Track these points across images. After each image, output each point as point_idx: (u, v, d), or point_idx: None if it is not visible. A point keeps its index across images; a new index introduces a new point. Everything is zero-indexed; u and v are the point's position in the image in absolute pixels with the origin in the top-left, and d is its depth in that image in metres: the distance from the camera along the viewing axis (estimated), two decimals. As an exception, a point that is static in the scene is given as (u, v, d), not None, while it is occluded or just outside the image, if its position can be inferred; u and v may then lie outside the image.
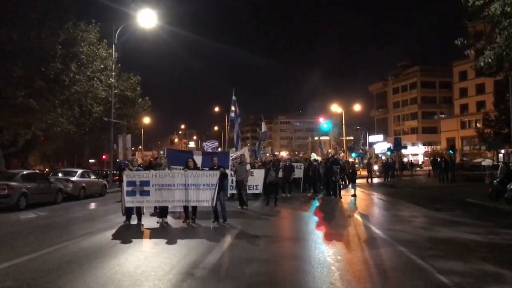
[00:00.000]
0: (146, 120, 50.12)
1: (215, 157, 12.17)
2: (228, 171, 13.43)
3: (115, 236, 9.51)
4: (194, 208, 11.44)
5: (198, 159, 13.89)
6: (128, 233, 9.95)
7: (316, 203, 17.14)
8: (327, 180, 19.70)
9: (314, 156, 29.46)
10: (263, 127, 25.60)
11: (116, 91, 28.61)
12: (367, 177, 32.20)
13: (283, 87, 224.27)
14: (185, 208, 11.42)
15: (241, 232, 10.06)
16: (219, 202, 11.27)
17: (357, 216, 13.25)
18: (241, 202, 14.60)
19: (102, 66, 26.33)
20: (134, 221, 11.27)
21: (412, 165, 46.92)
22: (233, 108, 20.56)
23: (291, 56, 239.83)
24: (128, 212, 11.22)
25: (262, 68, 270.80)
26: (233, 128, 22.04)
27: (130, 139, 28.70)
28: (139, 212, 11.40)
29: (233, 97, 20.67)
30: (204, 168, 11.89)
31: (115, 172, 26.87)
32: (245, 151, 19.10)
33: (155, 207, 12.53)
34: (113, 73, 27.46)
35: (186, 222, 11.32)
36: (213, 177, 10.95)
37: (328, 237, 9.49)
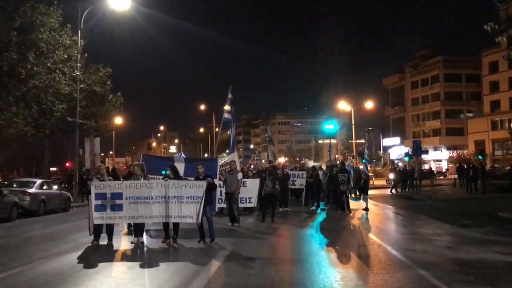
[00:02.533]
0: (118, 120, 50.12)
1: (200, 165, 12.14)
2: (216, 181, 13.41)
3: (81, 259, 9.45)
4: (176, 225, 11.40)
5: (181, 166, 13.83)
6: (96, 256, 9.88)
7: (321, 219, 17.14)
8: (334, 191, 19.73)
9: (309, 163, 29.67)
10: (268, 130, 26.18)
11: (82, 85, 28.52)
12: (392, 187, 32.62)
13: (281, 81, 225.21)
14: (165, 225, 11.38)
15: (232, 253, 10.04)
16: (205, 218, 11.24)
17: (369, 233, 13.25)
18: (231, 218, 14.58)
19: (66, 56, 26.26)
20: (104, 241, 11.21)
21: (432, 173, 47.12)
22: (228, 107, 20.53)
23: (291, 45, 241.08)
24: (97, 230, 11.16)
25: (256, 60, 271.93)
26: (226, 130, 22.04)
27: (99, 143, 28.61)
28: (110, 230, 11.35)
29: (229, 95, 20.63)
30: (188, 178, 11.88)
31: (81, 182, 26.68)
32: (235, 157, 19.09)
33: (129, 224, 12.47)
34: (79, 65, 27.39)
35: (166, 242, 11.28)
36: (198, 188, 10.94)
37: (335, 259, 9.49)
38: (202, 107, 74.82)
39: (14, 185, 20.70)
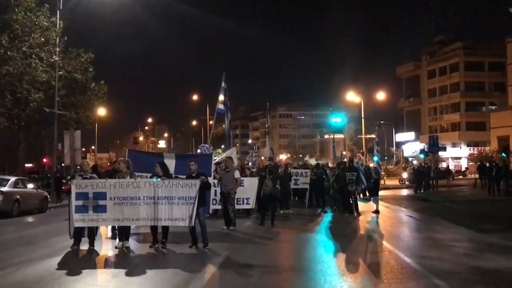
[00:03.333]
0: (101, 111, 50.06)
1: (193, 162, 12.13)
2: (210, 180, 13.42)
3: (60, 266, 9.46)
4: (165, 228, 11.42)
5: (171, 163, 13.83)
6: (77, 262, 9.91)
7: (326, 223, 17.18)
8: (341, 192, 19.76)
9: (311, 162, 29.54)
10: (268, 122, 25.68)
11: (61, 72, 28.47)
12: (416, 188, 32.71)
13: (283, 69, 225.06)
14: (153, 228, 11.40)
15: (228, 260, 10.06)
16: (198, 221, 11.28)
17: (379, 239, 13.28)
18: (227, 221, 14.60)
19: (43, 40, 26.20)
20: (85, 245, 11.22)
21: (449, 172, 47.16)
22: (222, 97, 20.48)
23: (295, 28, 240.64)
24: (77, 234, 11.17)
25: (255, 45, 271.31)
26: (221, 123, 22.00)
27: (79, 136, 28.61)
28: (92, 233, 11.37)
29: (223, 84, 20.56)
30: (179, 176, 11.87)
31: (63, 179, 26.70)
32: (233, 153, 19.09)
33: (114, 228, 12.49)
34: (57, 49, 27.34)
35: (154, 247, 11.29)
36: (191, 188, 10.94)
37: (342, 267, 9.52)
38: (195, 97, 74.61)
39: (-15, 183, 20.67)
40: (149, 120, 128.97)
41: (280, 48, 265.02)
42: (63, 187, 26.06)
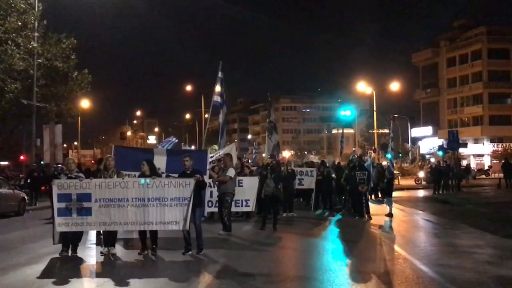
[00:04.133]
0: (85, 103, 49.90)
1: (188, 157, 12.10)
2: (206, 178, 13.40)
3: (40, 274, 9.48)
4: (155, 233, 11.44)
5: (162, 160, 13.83)
6: (59, 270, 9.92)
7: (334, 227, 17.19)
8: (351, 193, 19.77)
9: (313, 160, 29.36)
10: (272, 113, 25.28)
11: (40, 60, 28.49)
12: (433, 189, 32.75)
13: (286, 57, 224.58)
14: (142, 233, 11.42)
15: (225, 268, 10.08)
16: (193, 225, 11.30)
17: (393, 245, 13.27)
18: (224, 225, 14.62)
19: (20, 24, 26.18)
20: (68, 251, 11.23)
21: (468, 170, 47.04)
22: (218, 88, 20.44)
23: (300, 11, 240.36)
24: (63, 239, 11.21)
25: (256, 30, 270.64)
26: (217, 116, 21.95)
27: (60, 131, 28.58)
28: (76, 238, 11.38)
29: (219, 74, 20.52)
30: (171, 175, 11.84)
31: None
32: (232, 149, 19.09)
33: (98, 232, 12.50)
34: (36, 34, 27.33)
35: (143, 253, 11.31)
36: (185, 187, 10.94)
37: (351, 277, 9.53)
38: (189, 88, 74.40)
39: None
40: (138, 113, 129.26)
41: (284, 34, 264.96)
42: (42, 188, 25.93)
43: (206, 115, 34.59)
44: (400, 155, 60.89)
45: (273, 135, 23.88)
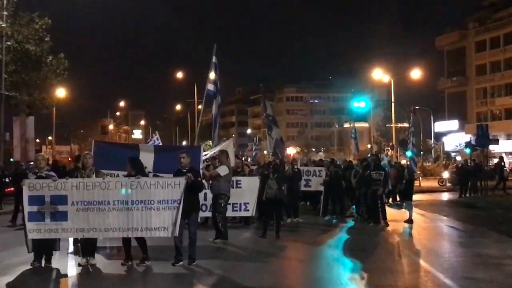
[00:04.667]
0: (61, 92, 49.89)
1: (185, 153, 12.00)
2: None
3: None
4: (143, 241, 11.39)
5: (148, 158, 13.80)
6: (31, 283, 9.94)
7: (345, 235, 17.18)
8: (365, 196, 19.74)
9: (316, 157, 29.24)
10: (268, 106, 25.15)
11: (9, 43, 28.45)
12: (460, 191, 32.39)
13: (292, 40, 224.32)
14: (126, 241, 11.38)
15: (221, 281, 10.08)
16: (187, 232, 11.29)
17: (413, 255, 13.25)
18: (218, 232, 14.58)
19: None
20: (42, 261, 11.20)
21: (497, 169, 46.83)
22: (212, 75, 20.38)
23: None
24: (37, 247, 11.17)
25: (257, 7, 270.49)
26: (211, 108, 21.87)
27: (33, 124, 28.60)
28: (50, 247, 11.34)
29: (213, 58, 20.47)
30: (159, 175, 11.78)
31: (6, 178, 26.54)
32: (229, 146, 19.03)
33: (76, 240, 12.46)
34: (5, 13, 27.28)
35: (127, 264, 11.29)
36: (174, 188, 10.90)
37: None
38: (180, 75, 74.45)
39: None
40: (122, 104, 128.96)
41: (288, 13, 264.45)
42: (6, 190, 25.66)
43: (200, 106, 34.48)
44: (421, 152, 60.71)
45: (273, 130, 23.62)
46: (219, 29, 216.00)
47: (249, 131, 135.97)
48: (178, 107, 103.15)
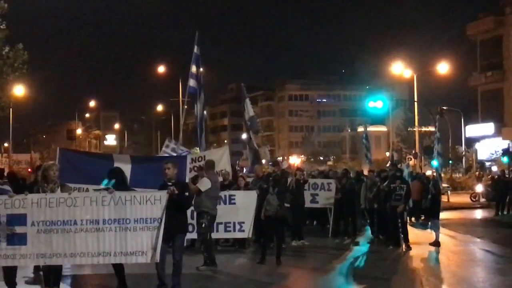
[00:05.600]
0: (19, 90, 49.95)
1: (170, 164, 12.06)
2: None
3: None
4: (119, 268, 11.44)
5: (124, 169, 13.84)
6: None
7: (359, 260, 17.25)
8: (382, 213, 19.80)
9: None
10: (248, 108, 24.96)
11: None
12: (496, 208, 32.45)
13: (294, 28, 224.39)
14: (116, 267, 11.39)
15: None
16: (166, 256, 11.31)
17: (441, 285, 13.32)
18: (205, 258, 14.63)
19: None
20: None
21: None
22: (194, 69, 20.51)
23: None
24: (10, 274, 11.30)
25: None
26: (195, 108, 21.90)
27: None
28: (10, 275, 11.40)
29: (195, 49, 20.60)
30: (136, 190, 11.82)
31: None
32: (224, 154, 19.06)
33: (37, 267, 12.48)
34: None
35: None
36: (154, 204, 10.86)
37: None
38: (161, 69, 74.40)
39: None
40: (92, 104, 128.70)
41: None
42: None
43: (186, 107, 34.27)
44: (450, 162, 60.88)
45: (251, 139, 23.68)
46: (208, 17, 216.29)
47: (244, 136, 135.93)
48: (160, 107, 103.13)
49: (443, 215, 22.55)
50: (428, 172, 32.60)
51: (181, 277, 11.59)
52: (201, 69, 20.86)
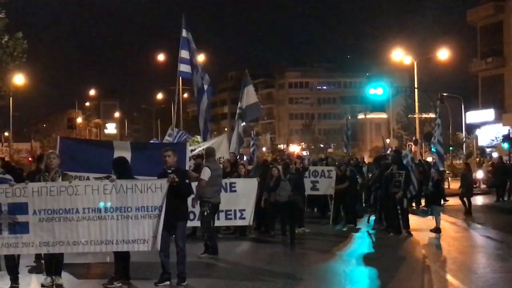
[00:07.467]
0: (19, 79, 49.85)
1: (170, 151, 12.03)
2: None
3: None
4: (121, 257, 11.46)
5: (124, 157, 13.85)
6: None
7: (360, 247, 17.30)
8: (383, 200, 19.79)
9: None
10: (251, 94, 24.91)
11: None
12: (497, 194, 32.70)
13: (294, 14, 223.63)
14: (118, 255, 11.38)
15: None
16: (170, 243, 11.34)
17: (442, 271, 13.33)
18: (206, 245, 14.65)
19: None
20: (4, 281, 11.25)
21: None
22: (186, 54, 20.33)
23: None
24: (11, 266, 11.26)
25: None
26: (200, 98, 21.72)
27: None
28: (12, 264, 11.38)
29: (183, 33, 20.42)
30: (137, 177, 11.81)
31: None
32: (222, 142, 19.05)
33: (39, 256, 12.48)
34: None
35: (105, 285, 11.33)
36: (155, 192, 10.92)
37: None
38: (161, 57, 74.10)
39: None
40: (92, 92, 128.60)
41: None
42: None
43: (186, 95, 34.25)
44: (450, 148, 60.68)
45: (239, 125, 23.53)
46: (207, 2, 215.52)
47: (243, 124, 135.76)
48: (160, 96, 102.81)
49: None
50: (429, 159, 32.56)
51: (186, 264, 11.57)
52: (199, 57, 20.64)
